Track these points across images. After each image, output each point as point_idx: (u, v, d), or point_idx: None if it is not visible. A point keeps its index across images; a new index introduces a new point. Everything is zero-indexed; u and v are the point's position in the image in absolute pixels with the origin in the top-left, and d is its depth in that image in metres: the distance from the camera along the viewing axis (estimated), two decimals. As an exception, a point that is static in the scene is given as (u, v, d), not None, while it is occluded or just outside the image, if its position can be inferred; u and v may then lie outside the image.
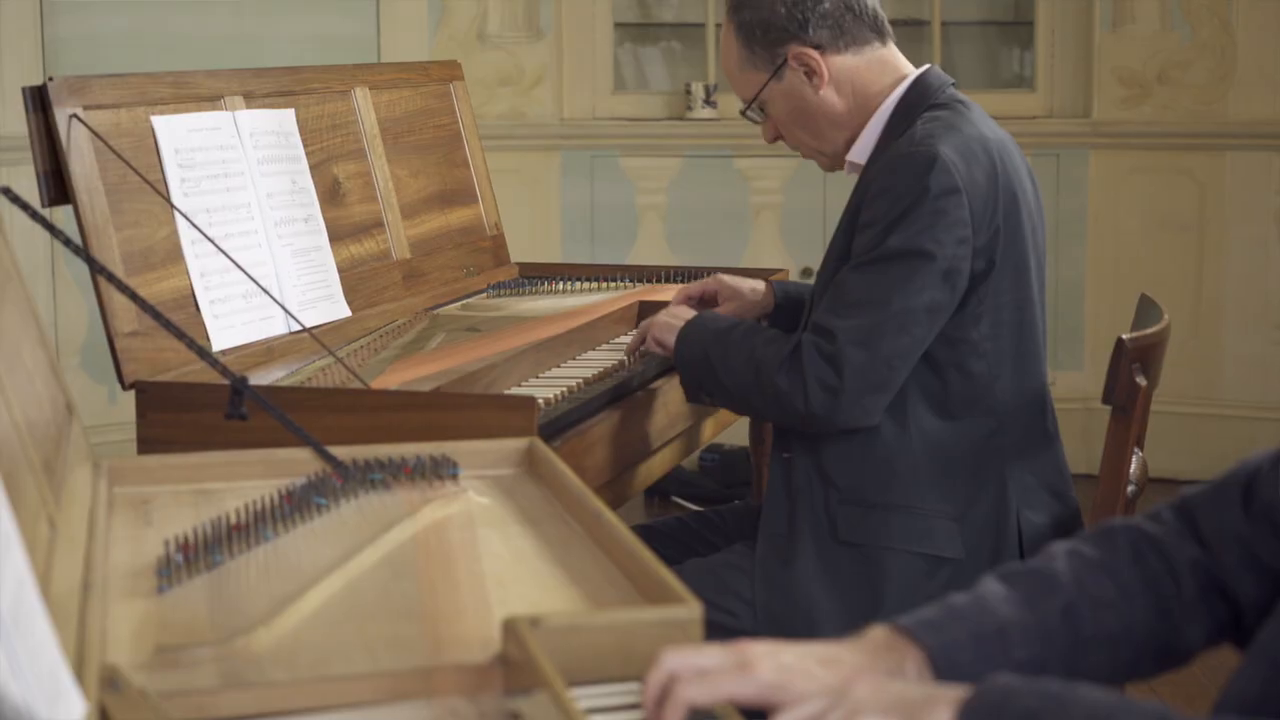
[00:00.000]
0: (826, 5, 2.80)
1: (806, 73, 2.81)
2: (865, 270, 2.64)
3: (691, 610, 1.53)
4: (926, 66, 2.86)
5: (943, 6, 6.19)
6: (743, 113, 2.92)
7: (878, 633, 1.54)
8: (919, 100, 2.79)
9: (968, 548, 2.68)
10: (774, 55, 2.82)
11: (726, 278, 3.09)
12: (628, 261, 5.92)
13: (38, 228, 2.42)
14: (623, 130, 6.09)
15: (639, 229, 6.11)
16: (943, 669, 1.50)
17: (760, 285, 3.08)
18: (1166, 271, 5.89)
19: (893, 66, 2.85)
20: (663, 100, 6.16)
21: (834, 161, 2.92)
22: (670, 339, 2.83)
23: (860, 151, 2.83)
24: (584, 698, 1.46)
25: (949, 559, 2.68)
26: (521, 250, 5.10)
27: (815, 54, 2.80)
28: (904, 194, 2.62)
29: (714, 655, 1.46)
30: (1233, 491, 1.62)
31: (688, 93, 6.07)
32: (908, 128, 2.73)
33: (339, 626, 1.60)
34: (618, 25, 6.31)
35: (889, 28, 2.88)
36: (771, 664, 1.44)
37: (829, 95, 2.82)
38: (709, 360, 2.75)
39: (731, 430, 3.92)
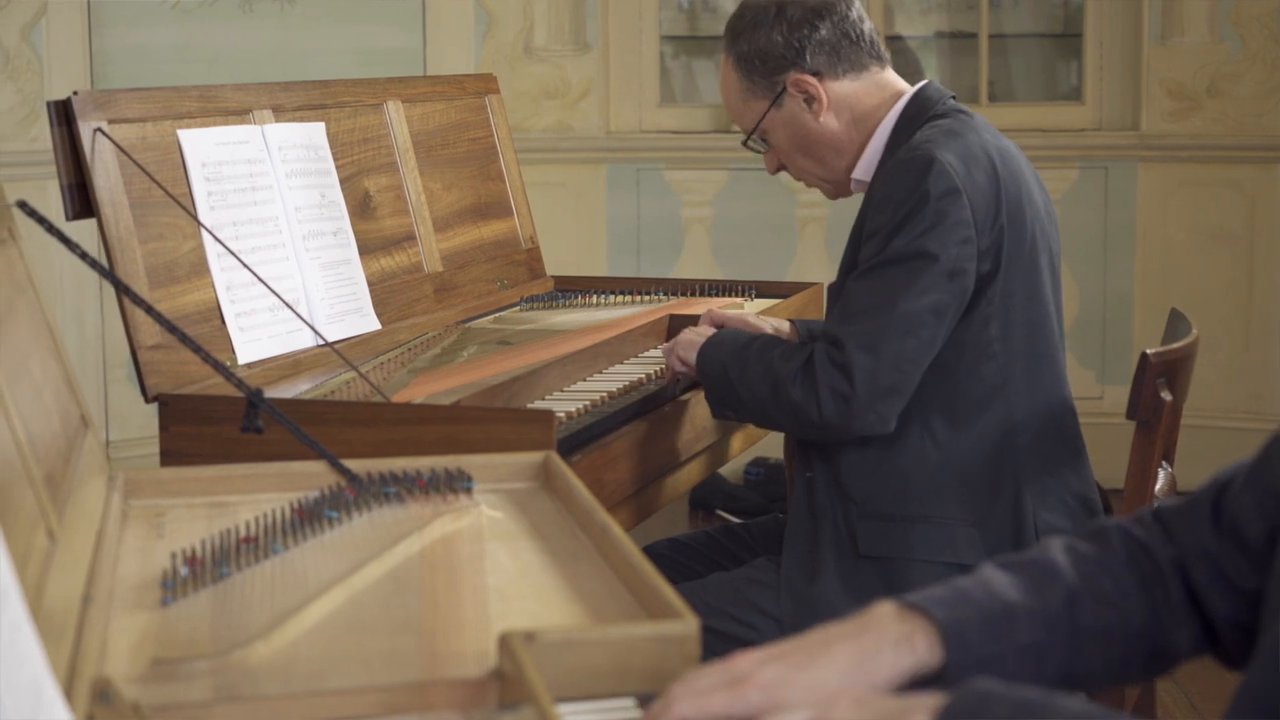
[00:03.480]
0: (823, 32, 2.83)
1: (806, 99, 2.85)
2: (869, 276, 2.65)
3: (688, 626, 1.52)
4: (925, 81, 2.87)
5: (995, 19, 6.17)
6: (744, 143, 2.95)
7: (885, 607, 1.52)
8: (919, 113, 2.81)
9: (989, 554, 2.66)
10: (773, 84, 2.86)
11: (752, 317, 3.07)
12: (673, 274, 5.92)
13: (87, 239, 2.45)
14: (669, 143, 6.09)
15: (685, 242, 6.10)
16: (953, 644, 1.49)
17: (785, 325, 3.07)
18: (1216, 284, 5.85)
19: (890, 87, 2.88)
20: (709, 113, 6.16)
21: (838, 189, 2.95)
22: (693, 356, 2.84)
23: (865, 169, 2.86)
24: (578, 714, 1.45)
25: (972, 566, 2.65)
26: (567, 263, 5.11)
27: (814, 80, 2.83)
28: (904, 199, 2.63)
29: (711, 677, 1.45)
30: (1203, 507, 1.61)
31: (734, 105, 6.05)
32: (909, 139, 2.74)
33: (337, 640, 1.60)
34: (673, 38, 6.32)
35: (885, 51, 2.91)
36: (760, 680, 1.44)
37: (829, 121, 2.85)
38: (728, 376, 2.75)
39: (775, 443, 3.91)
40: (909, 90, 2.86)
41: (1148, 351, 2.53)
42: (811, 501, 2.76)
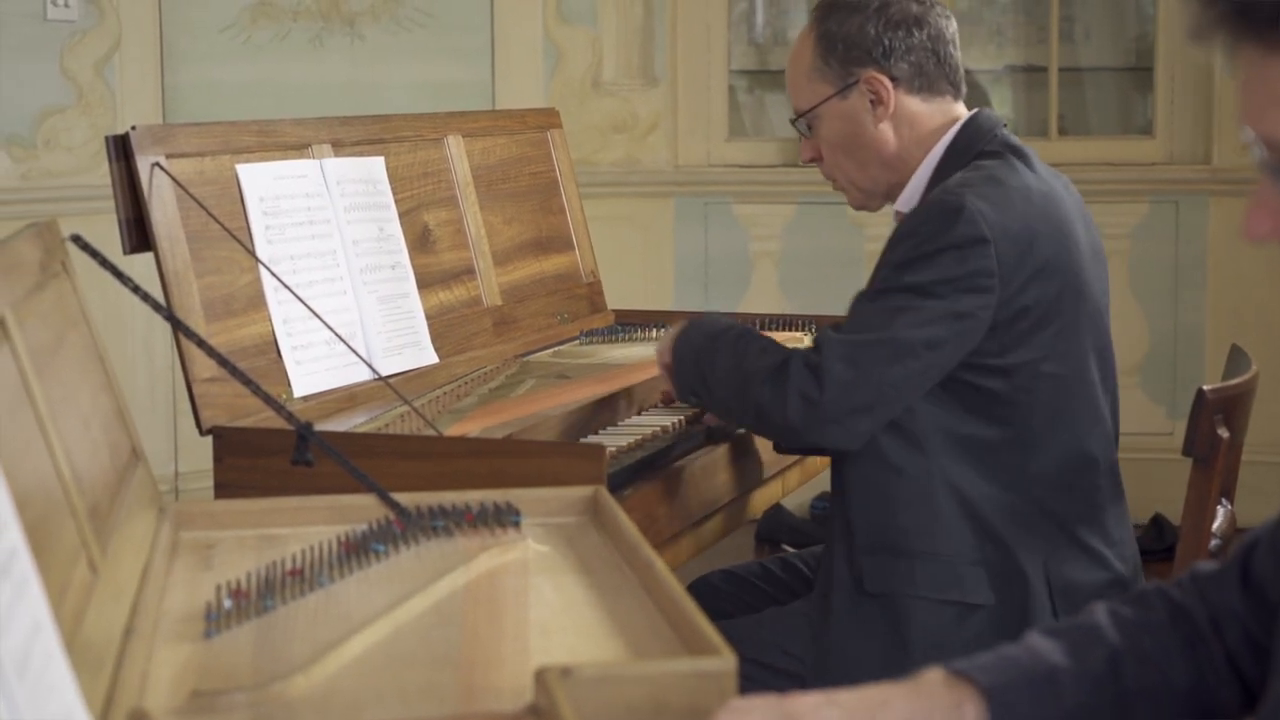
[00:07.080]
0: (916, 42, 2.75)
1: (873, 100, 2.76)
2: (871, 298, 2.60)
3: (726, 662, 1.51)
4: (975, 110, 2.80)
5: (1069, 53, 6.14)
6: (793, 121, 2.88)
7: (934, 675, 1.54)
8: (967, 146, 2.74)
9: (998, 593, 2.61)
10: (847, 73, 2.77)
11: None
12: (740, 309, 5.91)
13: (150, 273, 2.47)
14: (736, 177, 6.09)
15: (752, 276, 6.10)
16: (999, 711, 1.50)
17: None
18: (1288, 320, 5.79)
19: (951, 115, 2.80)
20: (776, 147, 6.15)
21: (867, 199, 2.87)
22: (667, 351, 2.78)
23: (906, 201, 2.78)
24: (613, 749, 1.45)
25: (979, 605, 2.61)
26: (634, 297, 5.10)
27: (889, 84, 2.76)
28: (926, 239, 2.56)
29: (764, 712, 1.45)
30: (1234, 569, 1.61)
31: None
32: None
33: (377, 673, 1.60)
34: (745, 72, 6.32)
35: (964, 86, 2.83)
36: None
37: (885, 131, 2.77)
38: (699, 362, 2.70)
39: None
40: (960, 119, 2.78)
41: (1204, 388, 2.50)
42: (830, 535, 2.74)
